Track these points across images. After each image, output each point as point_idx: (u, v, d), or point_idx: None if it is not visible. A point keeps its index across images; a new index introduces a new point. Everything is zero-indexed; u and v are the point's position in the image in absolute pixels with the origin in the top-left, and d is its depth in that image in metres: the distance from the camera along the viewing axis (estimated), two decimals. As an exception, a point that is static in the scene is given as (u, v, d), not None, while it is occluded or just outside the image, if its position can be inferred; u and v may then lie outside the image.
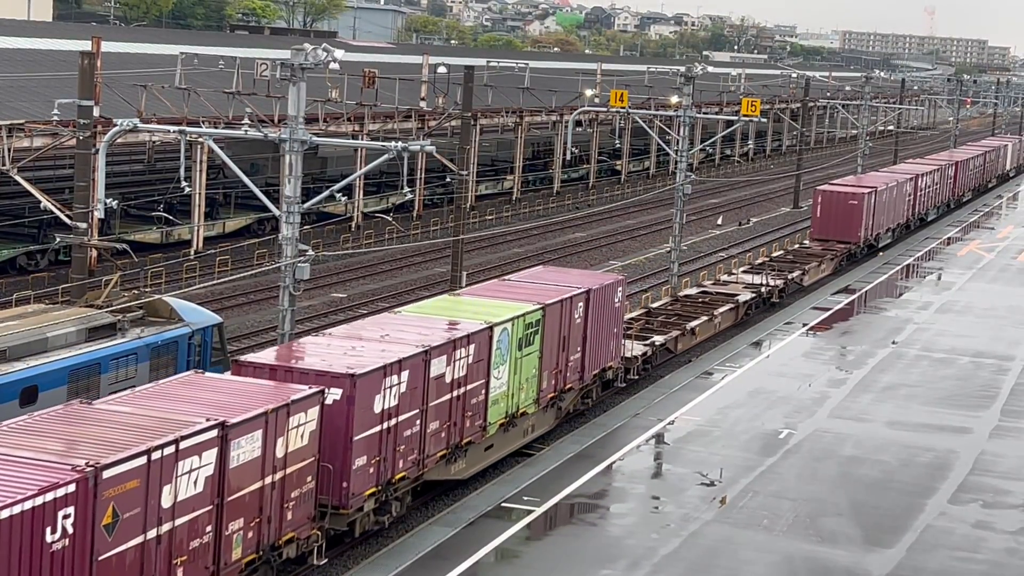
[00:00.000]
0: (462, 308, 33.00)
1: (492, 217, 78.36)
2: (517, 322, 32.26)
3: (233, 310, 50.80)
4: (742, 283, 56.03)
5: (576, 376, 36.47)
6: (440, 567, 25.08)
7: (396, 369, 26.93)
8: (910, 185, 78.21)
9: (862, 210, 68.10)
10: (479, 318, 31.38)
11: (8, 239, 56.79)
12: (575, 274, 40.46)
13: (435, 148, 32.29)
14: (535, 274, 39.49)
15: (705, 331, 48.59)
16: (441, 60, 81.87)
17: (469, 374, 30.13)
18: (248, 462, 22.49)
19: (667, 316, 48.68)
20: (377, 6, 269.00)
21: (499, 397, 31.91)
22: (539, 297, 34.61)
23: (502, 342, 31.51)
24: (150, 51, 76.05)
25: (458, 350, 29.48)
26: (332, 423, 25.14)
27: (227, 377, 25.38)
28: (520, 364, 32.80)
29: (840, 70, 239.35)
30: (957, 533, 28.82)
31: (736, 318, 51.88)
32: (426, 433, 28.54)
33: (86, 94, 39.24)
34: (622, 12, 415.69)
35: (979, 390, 41.88)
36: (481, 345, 30.54)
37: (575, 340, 35.94)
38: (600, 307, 37.27)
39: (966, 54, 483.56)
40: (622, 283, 39.56)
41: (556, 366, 34.96)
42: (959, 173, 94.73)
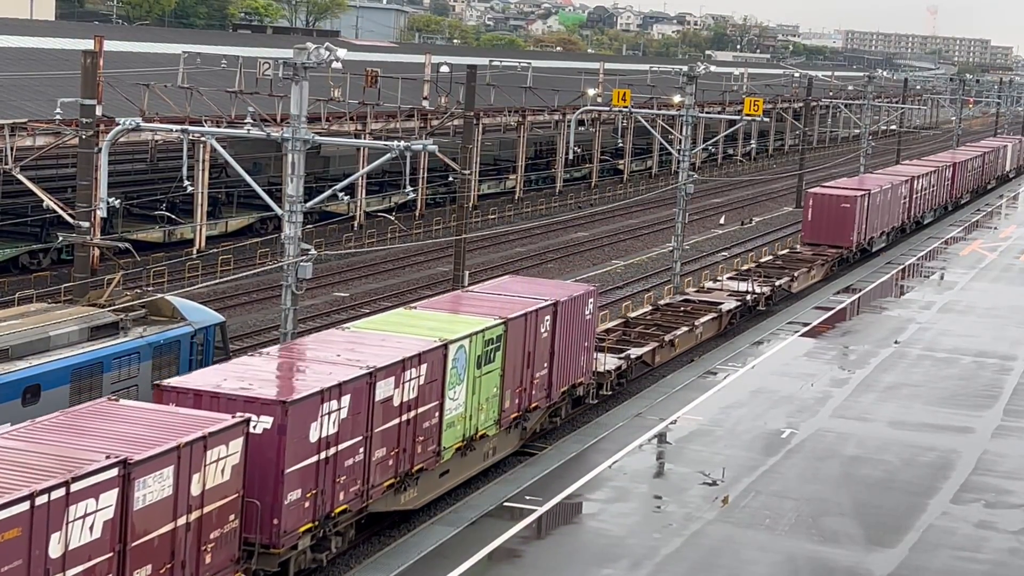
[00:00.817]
0: (416, 323, 30.68)
1: (494, 216, 78.36)
2: (475, 339, 30.11)
3: (235, 309, 50.83)
4: (727, 290, 53.99)
5: (543, 394, 34.47)
6: (442, 566, 25.08)
7: (336, 394, 24.75)
8: (905, 187, 76.54)
9: (855, 213, 66.34)
10: (433, 335, 29.21)
11: (11, 238, 56.82)
12: (543, 285, 38.14)
13: (437, 147, 32.28)
14: (500, 285, 37.24)
15: (685, 342, 46.51)
16: (443, 59, 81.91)
17: (421, 396, 28.00)
18: (157, 503, 20.28)
19: (646, 326, 46.74)
20: (379, 5, 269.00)
21: (455, 420, 29.84)
22: (501, 311, 32.42)
23: (458, 361, 29.36)
24: (153, 50, 76.07)
25: (408, 371, 27.31)
26: (261, 454, 23.04)
27: (142, 406, 23.00)
28: (479, 383, 30.67)
29: (843, 70, 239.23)
30: (959, 533, 28.81)
31: (719, 328, 49.86)
32: (371, 462, 26.37)
33: (88, 93, 39.27)
34: (624, 11, 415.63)
35: (982, 390, 41.86)
36: (434, 364, 28.39)
37: (541, 356, 33.95)
38: (569, 320, 35.39)
39: (969, 54, 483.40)
40: (593, 294, 37.48)
41: (520, 384, 32.92)
42: (957, 175, 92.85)
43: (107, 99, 53.46)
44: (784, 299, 56.72)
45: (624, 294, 58.89)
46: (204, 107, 60.42)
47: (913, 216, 79.69)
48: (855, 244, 67.03)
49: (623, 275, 64.37)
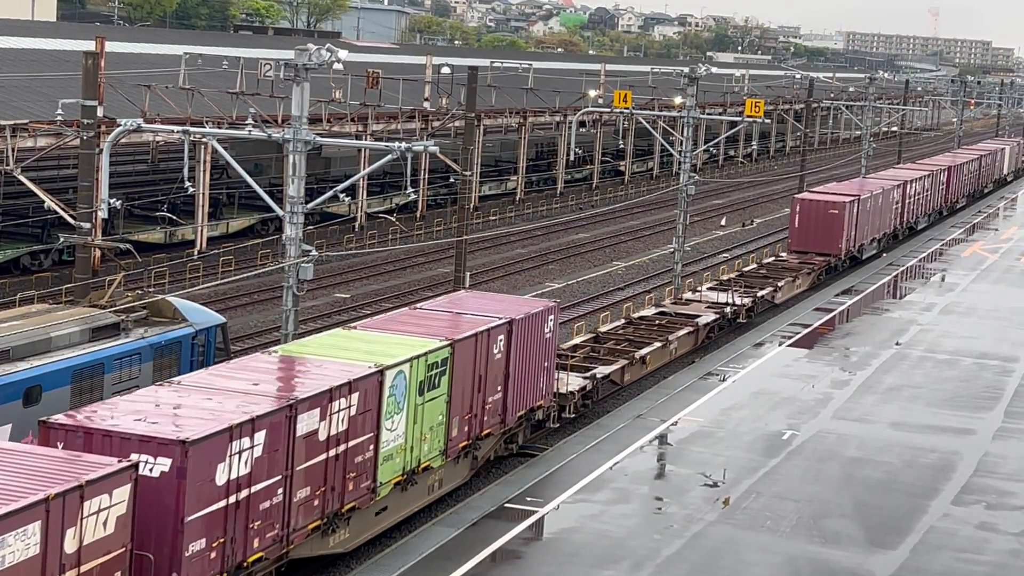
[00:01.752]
0: (353, 346, 28.13)
1: (496, 218, 78.36)
2: (416, 363, 27.63)
3: (237, 310, 50.83)
4: (706, 302, 51.39)
5: (496, 420, 31.97)
6: (443, 567, 25.07)
7: (248, 430, 22.20)
8: (897, 192, 74.24)
9: (843, 220, 63.81)
10: (369, 359, 26.72)
11: (12, 239, 56.84)
12: (500, 301, 35.28)
13: (438, 148, 32.29)
14: (454, 300, 34.68)
15: (658, 359, 44.00)
16: (445, 60, 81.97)
17: (352, 428, 25.39)
18: (20, 564, 17.64)
19: (617, 342, 44.30)
20: (381, 7, 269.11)
21: (393, 452, 27.25)
22: (449, 331, 30.05)
23: (397, 387, 26.86)
24: (154, 51, 76.09)
25: (336, 401, 24.72)
26: (158, 501, 20.65)
27: (14, 447, 20.34)
28: (422, 411, 28.15)
29: (844, 71, 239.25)
30: (961, 534, 28.79)
31: (695, 342, 47.28)
32: (292, 503, 23.76)
33: (90, 94, 39.26)
34: (626, 13, 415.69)
35: (983, 391, 41.84)
36: (368, 393, 25.84)
37: (494, 379, 31.44)
38: (526, 339, 32.84)
39: (970, 55, 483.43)
40: (553, 310, 34.78)
41: (469, 410, 30.45)
42: (952, 178, 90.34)
43: (108, 100, 53.48)
44: (767, 310, 54.66)
45: (626, 295, 58.89)
46: (205, 108, 60.43)
47: (906, 222, 77.48)
48: (844, 252, 64.82)
49: (624, 276, 64.38)
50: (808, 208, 64.42)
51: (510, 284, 60.74)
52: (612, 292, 60.11)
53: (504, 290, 59.05)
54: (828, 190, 69.60)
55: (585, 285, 61.38)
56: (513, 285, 60.54)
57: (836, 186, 72.50)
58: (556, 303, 35.88)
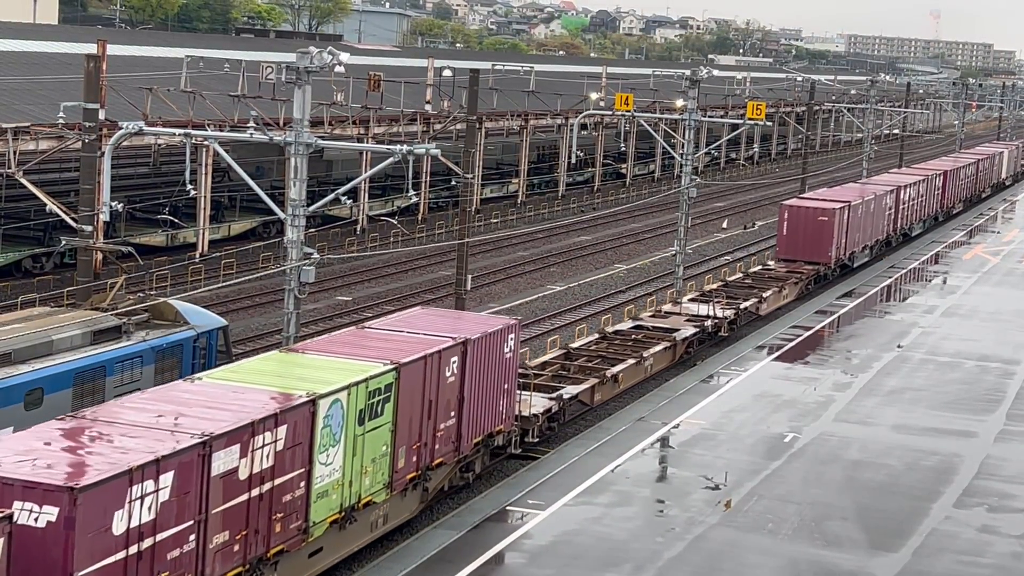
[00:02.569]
0: (287, 372, 26.00)
1: (497, 220, 78.39)
2: (356, 390, 25.38)
3: (238, 313, 50.85)
4: (686, 314, 49.07)
5: (449, 448, 29.83)
6: (444, 570, 25.07)
7: (152, 472, 19.98)
8: (891, 198, 72.12)
9: (833, 227, 61.72)
10: (302, 387, 24.47)
11: (14, 242, 56.87)
12: (455, 319, 33.24)
13: (440, 151, 32.32)
14: (407, 319, 32.10)
15: (632, 377, 41.69)
16: (446, 63, 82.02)
17: (279, 464, 23.15)
18: None
19: (589, 358, 42.08)
20: (382, 9, 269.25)
21: (329, 488, 24.94)
22: (395, 353, 27.78)
23: (332, 417, 24.61)
24: (155, 54, 76.14)
25: (260, 435, 22.51)
26: (43, 555, 18.52)
27: None
28: (362, 442, 25.88)
29: (845, 74, 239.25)
30: (962, 537, 28.78)
31: (673, 358, 45.12)
32: (206, 550, 21.57)
33: (91, 97, 39.29)
34: (627, 15, 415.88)
35: (984, 394, 41.83)
36: (298, 425, 23.58)
37: (447, 404, 29.30)
38: (483, 359, 30.72)
39: (971, 58, 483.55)
40: (514, 328, 32.42)
41: (418, 439, 28.28)
42: (948, 183, 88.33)
43: (110, 103, 53.50)
44: (751, 322, 52.50)
45: (627, 298, 58.89)
46: (207, 111, 60.46)
47: (900, 228, 75.40)
48: (834, 260, 62.82)
49: (626, 279, 64.38)
50: (796, 215, 62.55)
51: (511, 287, 60.76)
52: (614, 295, 60.12)
53: (506, 293, 59.10)
54: (817, 196, 67.58)
55: (587, 288, 61.38)
56: (514, 288, 60.57)
57: (826, 192, 70.61)
58: (517, 320, 33.37)
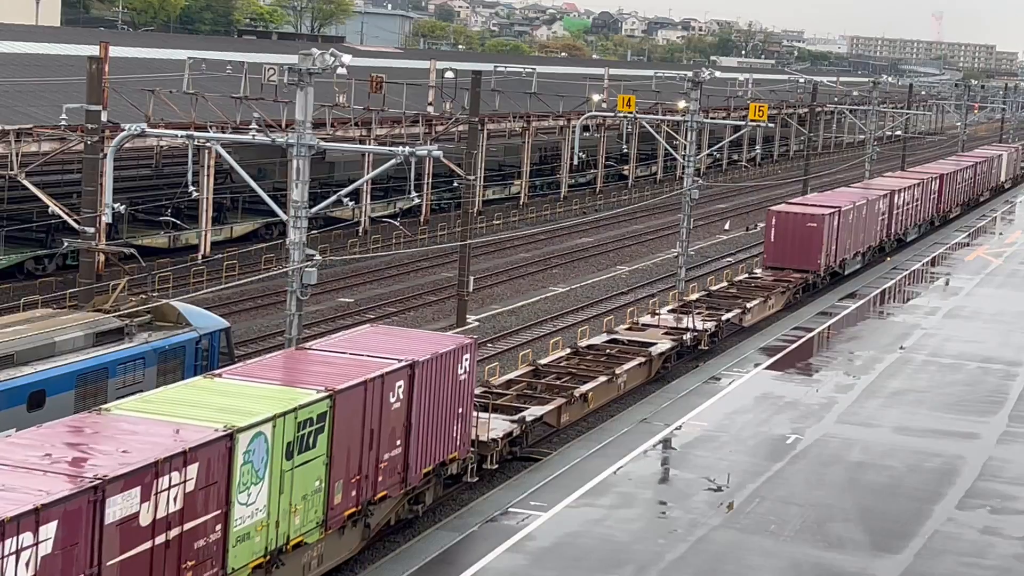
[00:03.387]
0: (206, 401, 23.56)
1: (499, 222, 78.40)
2: (282, 421, 23.08)
3: (240, 315, 50.86)
4: (664, 327, 46.78)
5: (395, 480, 27.57)
6: (446, 572, 25.08)
7: (29, 524, 17.80)
8: (884, 203, 69.90)
9: (822, 233, 59.44)
10: (220, 419, 22.20)
11: (16, 243, 56.90)
12: (405, 338, 30.45)
13: (442, 153, 32.32)
14: (350, 339, 29.74)
15: (603, 395, 39.64)
16: (448, 65, 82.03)
17: (190, 507, 20.96)
18: None
19: (558, 375, 40.04)
20: (385, 11, 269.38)
21: (251, 530, 22.70)
22: (331, 378, 25.48)
23: (254, 452, 22.37)
24: (158, 56, 76.19)
25: (165, 476, 20.30)
26: None
27: None
28: (290, 478, 23.56)
29: (847, 75, 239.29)
30: (965, 539, 28.77)
31: (648, 374, 43.01)
32: None
33: (94, 99, 39.32)
34: (629, 17, 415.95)
35: (987, 395, 41.81)
36: (213, 462, 21.34)
37: (391, 432, 27.01)
38: (434, 382, 28.51)
39: (974, 59, 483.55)
40: (469, 348, 30.07)
41: (358, 471, 25.91)
42: (944, 187, 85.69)
43: (112, 105, 53.51)
44: (734, 334, 50.46)
45: (629, 299, 58.89)
46: (209, 113, 60.49)
47: (894, 234, 73.02)
48: (823, 268, 60.44)
49: (628, 281, 64.38)
50: (784, 221, 60.30)
51: (514, 288, 60.77)
52: (616, 296, 60.13)
53: (508, 294, 59.12)
54: (806, 201, 65.49)
55: (589, 289, 61.39)
56: (517, 289, 60.58)
57: (816, 197, 68.54)
58: (472, 339, 30.69)
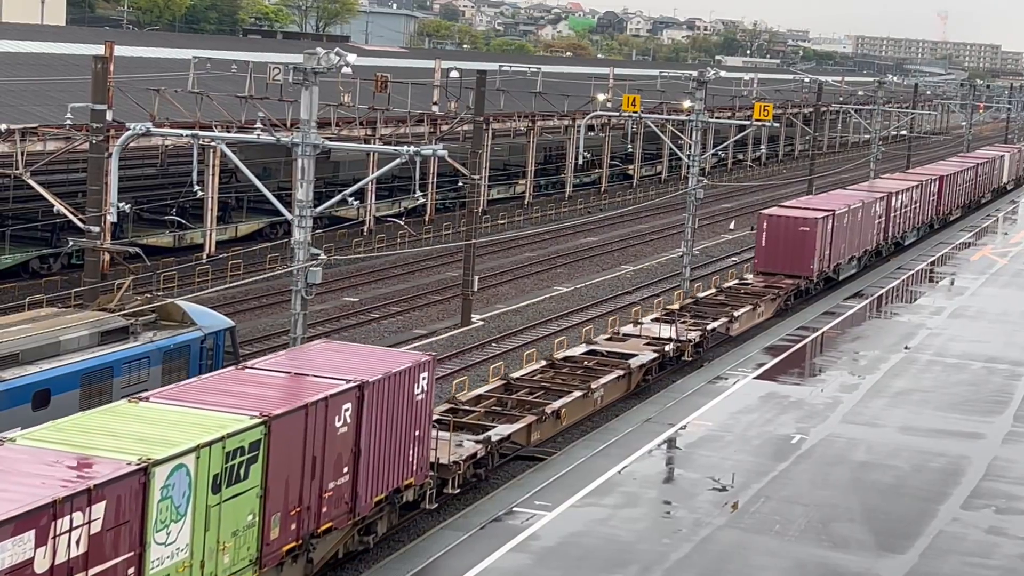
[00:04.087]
0: (124, 429, 21.39)
1: (504, 221, 78.39)
2: (207, 452, 21.11)
3: (245, 314, 50.87)
4: (646, 337, 44.72)
5: (342, 510, 25.53)
6: (451, 571, 25.07)
7: None
8: (880, 205, 68.14)
9: (815, 238, 57.65)
10: (136, 450, 20.16)
11: (21, 243, 56.95)
12: (356, 356, 28.18)
13: (447, 152, 32.35)
14: (298, 356, 27.80)
15: (577, 411, 37.55)
16: (453, 64, 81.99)
17: (96, 550, 19.07)
18: None
19: (531, 390, 37.96)
20: (389, 11, 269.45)
21: (172, 571, 20.81)
22: (268, 402, 23.50)
23: (174, 487, 20.44)
24: (163, 55, 76.24)
25: (65, 517, 18.38)
26: None
27: None
28: (218, 513, 21.60)
29: (853, 75, 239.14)
30: (970, 539, 28.75)
31: (628, 388, 40.98)
32: None
33: (99, 98, 39.35)
34: (634, 17, 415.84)
35: (992, 395, 41.78)
36: (123, 500, 19.39)
37: (337, 459, 24.94)
38: (386, 404, 26.46)
39: (979, 59, 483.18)
40: (427, 366, 27.90)
41: (298, 503, 23.94)
42: (944, 189, 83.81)
43: (117, 104, 53.58)
44: (720, 343, 48.65)
45: (634, 299, 58.88)
46: (214, 112, 60.52)
47: (891, 237, 71.32)
48: (817, 273, 58.65)
49: (632, 280, 64.37)
50: (776, 225, 58.47)
51: (518, 288, 60.77)
52: (620, 296, 60.12)
53: (512, 294, 59.12)
54: (799, 204, 63.56)
55: (593, 289, 61.38)
56: (521, 288, 60.57)
57: (809, 200, 66.68)
58: (431, 356, 28.51)
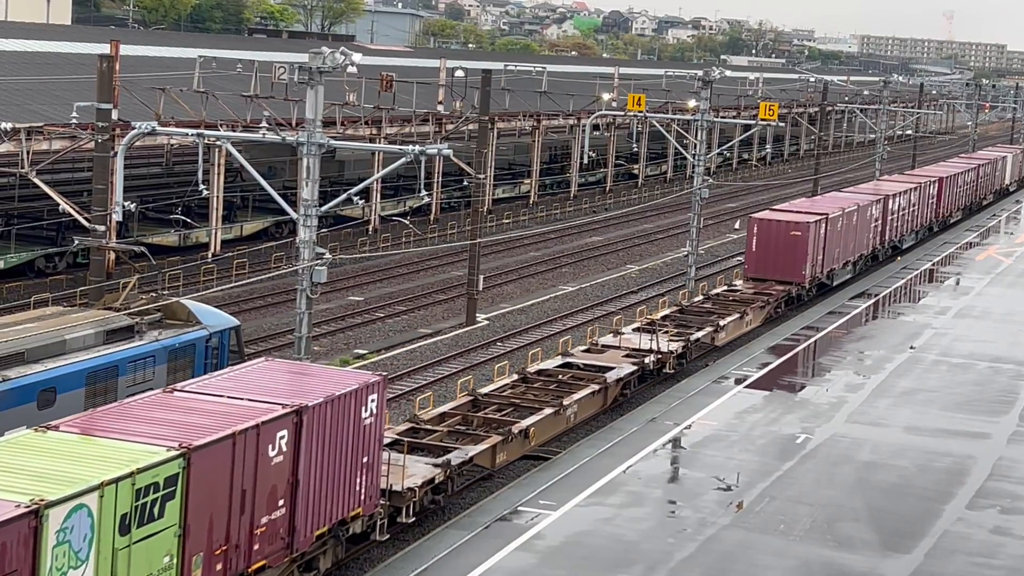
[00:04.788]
0: (22, 464, 19.40)
1: (509, 221, 78.40)
2: (113, 489, 19.02)
3: (250, 313, 50.91)
4: (626, 348, 42.24)
5: (277, 546, 23.29)
6: (456, 570, 25.07)
7: None
8: (877, 208, 66.20)
9: (807, 242, 55.60)
10: (29, 490, 18.22)
11: (27, 241, 57.00)
12: (298, 377, 25.68)
13: (452, 152, 32.33)
14: (235, 378, 25.13)
15: (547, 430, 34.79)
16: (458, 64, 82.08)
17: None
18: None
19: (500, 407, 35.57)
20: (395, 10, 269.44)
21: None
22: (189, 431, 21.38)
23: (73, 530, 18.39)
24: (168, 54, 76.28)
25: None
26: None
27: None
28: (127, 557, 19.49)
29: (858, 74, 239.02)
30: (975, 539, 28.72)
31: (604, 403, 38.48)
32: None
33: (104, 97, 39.39)
34: (640, 16, 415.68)
35: (997, 395, 41.74)
36: (10, 547, 17.45)
37: (271, 491, 22.77)
38: (328, 430, 24.13)
39: (985, 59, 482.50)
40: (377, 387, 25.55)
41: (225, 541, 21.73)
42: (944, 191, 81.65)
43: (123, 103, 53.61)
44: (706, 354, 46.52)
45: (640, 298, 58.88)
46: (219, 111, 60.55)
47: (888, 241, 69.39)
48: (809, 279, 56.62)
49: (638, 280, 64.36)
50: (767, 229, 56.37)
51: (523, 287, 60.77)
52: (626, 296, 60.12)
53: (517, 293, 59.12)
54: (792, 208, 61.31)
55: (598, 288, 61.38)
56: (526, 288, 60.58)
57: (802, 203, 64.39)
58: (382, 376, 26.08)
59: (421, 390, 41.22)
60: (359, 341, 48.35)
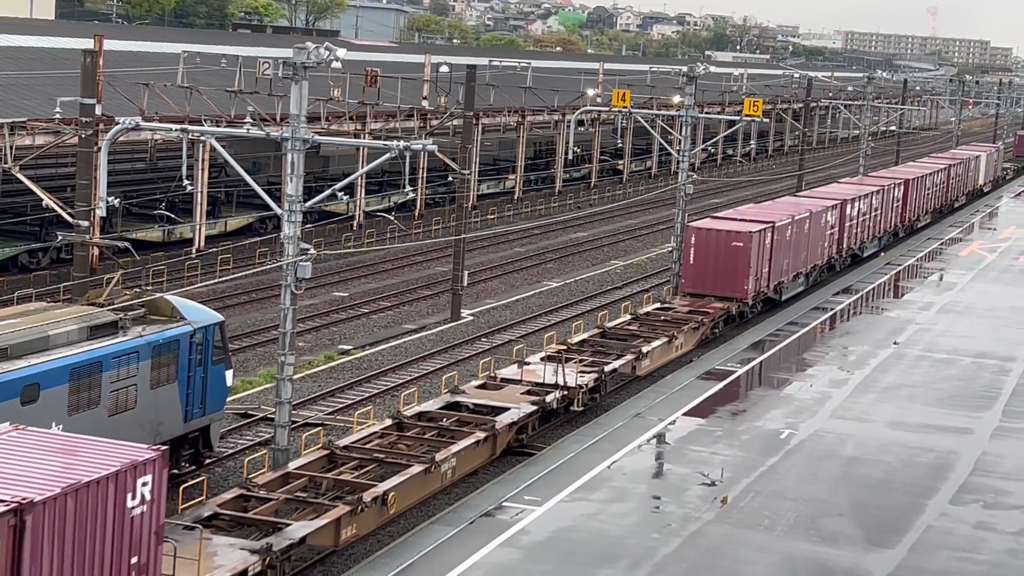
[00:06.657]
0: None
1: (494, 216, 78.38)
2: None
3: (235, 309, 50.84)
4: (529, 381, 36.97)
5: None
6: (441, 566, 25.07)
7: None
8: (833, 214, 61.29)
9: (750, 254, 50.42)
10: None
11: (10, 237, 56.83)
12: (40, 454, 19.27)
13: (437, 147, 32.28)
14: None
15: (414, 492, 29.24)
16: (443, 59, 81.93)
17: None
18: None
19: (360, 462, 30.00)
20: (379, 5, 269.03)
21: None
22: None
23: None
24: (152, 49, 76.06)
25: None
26: None
27: None
28: None
29: (842, 70, 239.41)
30: (958, 534, 28.82)
31: (493, 452, 33.01)
32: None
33: (88, 92, 39.27)
34: (624, 12, 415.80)
35: (980, 391, 41.87)
36: None
37: None
38: (74, 529, 18.21)
39: (968, 55, 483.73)
40: (151, 466, 19.54)
41: None
42: (910, 194, 77.25)
43: (107, 98, 53.42)
44: (626, 384, 41.56)
45: (624, 294, 58.92)
46: (204, 106, 60.41)
47: (846, 249, 64.88)
48: (752, 294, 51.46)
49: (622, 275, 64.40)
50: (705, 240, 51.21)
51: (508, 283, 60.78)
52: (609, 291, 60.15)
53: (502, 289, 59.12)
54: (735, 216, 55.89)
55: (583, 284, 61.41)
56: (511, 284, 60.59)
57: (749, 210, 58.36)
58: (158, 452, 19.79)
59: (405, 386, 41.22)
60: (344, 337, 48.32)
